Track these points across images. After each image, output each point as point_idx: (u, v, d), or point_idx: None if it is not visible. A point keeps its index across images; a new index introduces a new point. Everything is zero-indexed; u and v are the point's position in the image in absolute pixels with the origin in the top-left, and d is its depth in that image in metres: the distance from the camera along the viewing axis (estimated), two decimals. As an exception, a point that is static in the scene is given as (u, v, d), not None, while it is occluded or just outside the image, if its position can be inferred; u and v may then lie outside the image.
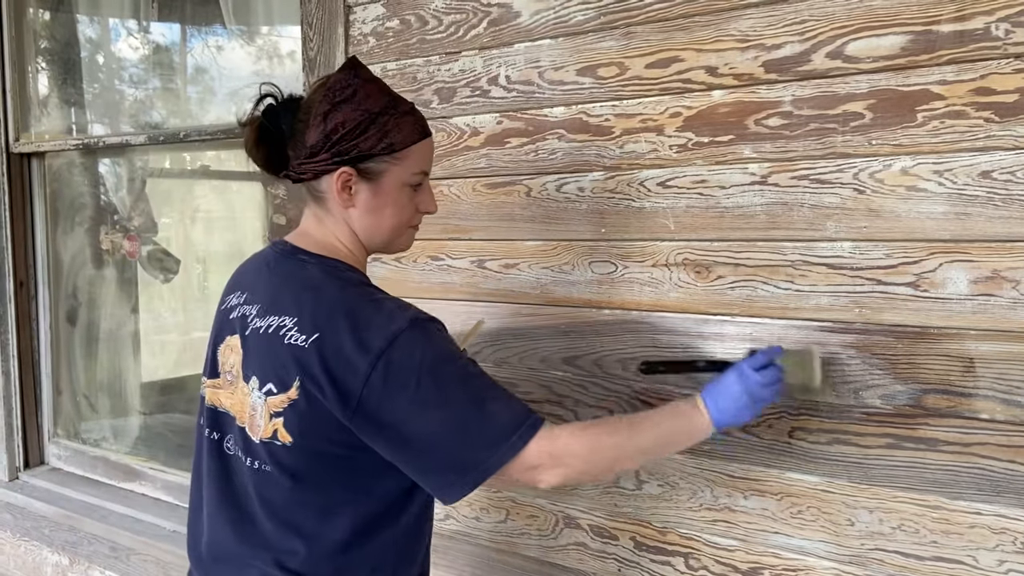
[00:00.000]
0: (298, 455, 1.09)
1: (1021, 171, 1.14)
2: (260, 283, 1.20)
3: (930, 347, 1.22)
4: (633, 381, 1.52)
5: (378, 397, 1.03)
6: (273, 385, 1.09)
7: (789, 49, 1.31)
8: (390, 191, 1.16)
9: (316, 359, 1.05)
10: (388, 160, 1.14)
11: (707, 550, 1.46)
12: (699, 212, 1.42)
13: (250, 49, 2.69)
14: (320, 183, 1.16)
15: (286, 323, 1.09)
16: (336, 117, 1.11)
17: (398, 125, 1.14)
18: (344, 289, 1.12)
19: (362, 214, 1.17)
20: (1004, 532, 1.19)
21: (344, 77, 1.14)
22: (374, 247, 1.22)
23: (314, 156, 1.13)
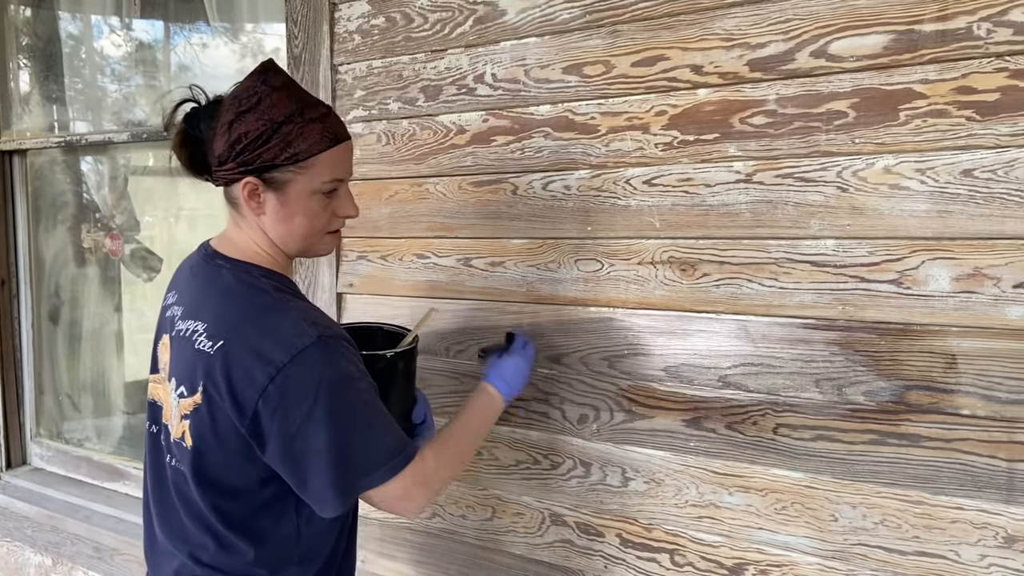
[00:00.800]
0: (199, 458, 1.12)
1: (1002, 169, 1.15)
2: (185, 286, 1.22)
3: (912, 344, 1.24)
4: (619, 379, 1.52)
5: (272, 410, 1.04)
6: (184, 388, 1.12)
7: (773, 48, 1.31)
8: (299, 199, 1.14)
9: (219, 367, 1.06)
10: (293, 169, 1.12)
11: (692, 546, 1.47)
12: (684, 210, 1.43)
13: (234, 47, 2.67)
14: (232, 190, 1.16)
15: (199, 328, 1.11)
16: (239, 127, 1.10)
17: (303, 134, 1.11)
18: (254, 298, 1.12)
19: (273, 222, 1.16)
20: (985, 527, 1.20)
21: (251, 84, 1.12)
22: (292, 253, 1.21)
23: (222, 164, 1.13)
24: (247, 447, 1.09)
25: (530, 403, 1.62)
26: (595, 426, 1.55)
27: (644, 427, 1.50)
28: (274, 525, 1.16)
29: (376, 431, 1.11)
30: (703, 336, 1.43)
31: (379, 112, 1.77)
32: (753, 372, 1.38)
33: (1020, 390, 1.16)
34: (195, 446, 1.11)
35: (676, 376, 1.46)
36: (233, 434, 1.08)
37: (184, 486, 1.16)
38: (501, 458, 1.67)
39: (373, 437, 1.10)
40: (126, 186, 2.77)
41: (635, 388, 1.51)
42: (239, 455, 1.10)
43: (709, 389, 1.43)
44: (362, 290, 1.84)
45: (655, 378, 1.48)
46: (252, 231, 1.18)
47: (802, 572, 1.36)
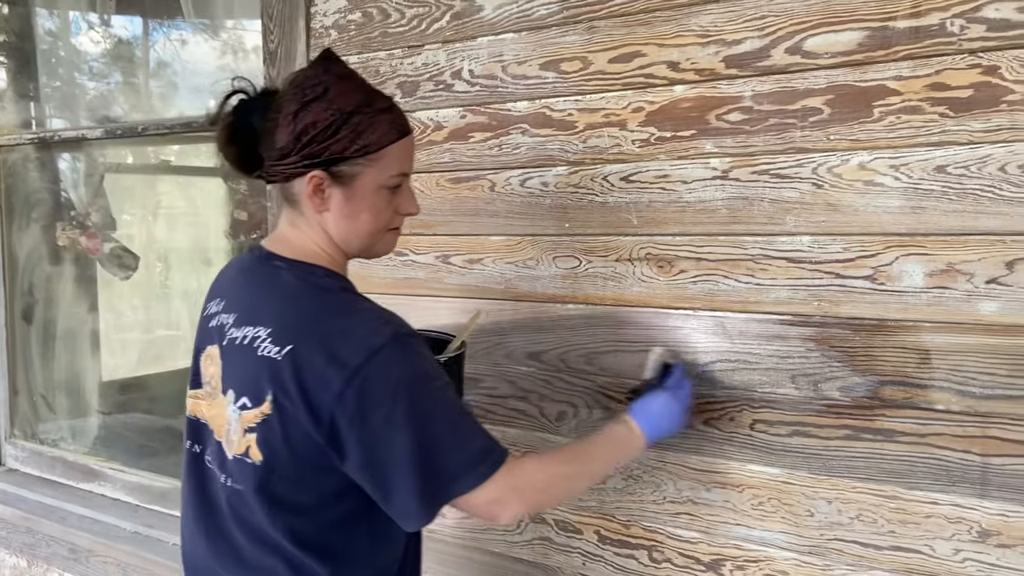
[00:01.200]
0: (268, 474, 1.04)
1: (975, 165, 1.16)
2: (236, 291, 1.15)
3: (887, 339, 1.24)
4: (597, 376, 1.52)
5: (350, 415, 0.98)
6: (247, 399, 1.04)
7: (749, 44, 1.32)
8: (365, 195, 1.09)
9: (289, 373, 1.00)
10: (362, 162, 1.07)
11: (670, 543, 1.47)
12: (661, 207, 1.43)
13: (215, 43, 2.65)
14: (292, 186, 1.10)
15: (260, 334, 1.04)
16: (306, 117, 1.04)
17: (372, 125, 1.06)
18: (321, 298, 1.07)
19: (337, 219, 1.10)
20: (960, 521, 1.21)
21: (315, 73, 1.07)
22: (353, 252, 1.15)
23: (284, 158, 1.07)
24: (323, 458, 1.02)
25: (508, 400, 1.62)
26: (573, 423, 1.55)
27: (622, 424, 1.49)
28: (347, 542, 1.09)
29: (462, 432, 1.04)
30: (680, 332, 1.43)
31: (356, 108, 1.75)
32: (730, 368, 1.38)
33: (993, 385, 1.17)
34: (265, 461, 1.03)
35: (654, 373, 1.46)
36: (307, 445, 1.01)
37: (244, 508, 1.07)
38: (480, 456, 1.67)
39: (459, 439, 1.03)
40: (101, 183, 2.74)
41: (614, 385, 1.51)
42: (313, 467, 1.03)
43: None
44: (339, 288, 1.82)
45: (634, 375, 1.48)
46: (312, 230, 1.12)
47: (779, 567, 1.36)
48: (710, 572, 1.43)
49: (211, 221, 2.81)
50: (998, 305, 1.16)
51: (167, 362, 3.57)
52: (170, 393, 3.34)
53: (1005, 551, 1.18)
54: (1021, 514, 1.17)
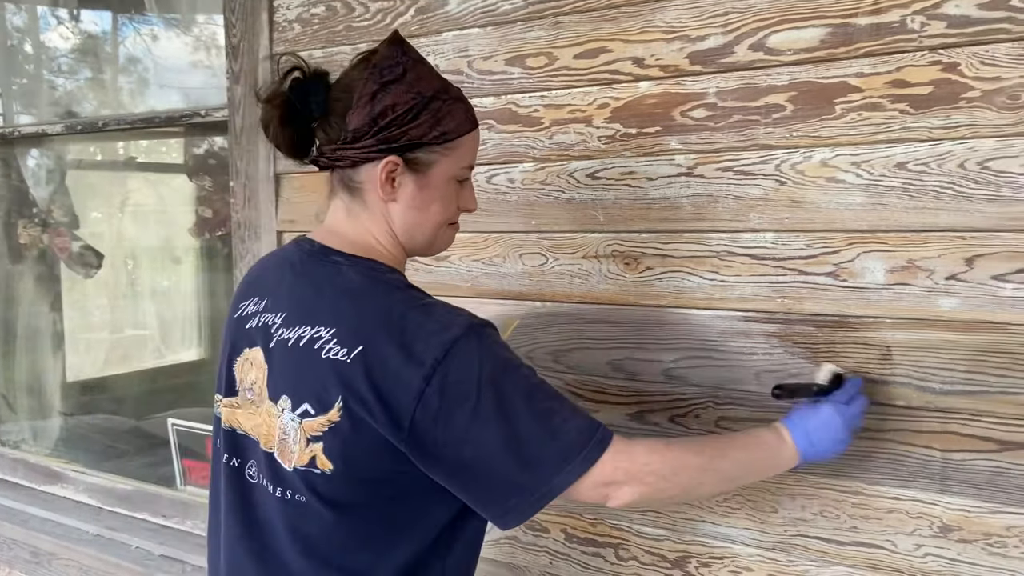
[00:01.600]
0: (340, 484, 0.96)
1: (935, 162, 1.17)
2: (284, 288, 1.06)
3: (848, 335, 1.24)
4: (564, 374, 1.51)
5: (433, 415, 0.91)
6: (310, 406, 0.96)
7: (713, 41, 1.31)
8: (438, 185, 1.04)
9: (361, 375, 0.92)
10: (439, 150, 1.02)
11: (637, 540, 1.46)
12: (627, 203, 1.42)
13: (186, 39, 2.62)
14: (358, 172, 1.03)
15: (322, 334, 0.96)
16: (385, 99, 0.99)
17: (451, 112, 1.03)
18: (389, 294, 1.00)
19: (405, 209, 1.04)
20: (921, 516, 1.22)
21: (392, 54, 1.01)
22: (413, 247, 1.09)
23: (356, 141, 1.00)
24: (403, 464, 0.95)
25: (475, 399, 1.60)
26: (540, 421, 1.54)
27: (589, 422, 1.49)
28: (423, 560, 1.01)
29: (558, 418, 0.95)
30: (647, 329, 1.42)
31: (320, 104, 1.73)
32: (696, 365, 1.38)
33: (953, 381, 1.18)
34: (336, 470, 0.95)
35: (620, 370, 1.45)
36: (385, 452, 0.94)
37: (306, 522, 0.99)
38: (446, 455, 1.65)
39: (555, 426, 0.94)
40: (63, 180, 2.69)
41: (580, 383, 1.50)
42: (392, 473, 0.96)
43: (653, 382, 1.42)
44: (304, 285, 1.80)
45: (600, 372, 1.48)
46: (372, 222, 1.05)
47: (743, 564, 1.36)
48: (676, 569, 1.43)
49: (180, 218, 2.77)
50: (957, 301, 1.16)
51: (134, 362, 3.52)
52: (137, 394, 3.30)
53: (966, 546, 1.19)
54: (981, 509, 1.17)
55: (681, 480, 1.01)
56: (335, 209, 1.08)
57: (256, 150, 1.81)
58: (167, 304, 3.32)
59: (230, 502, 1.08)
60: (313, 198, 1.77)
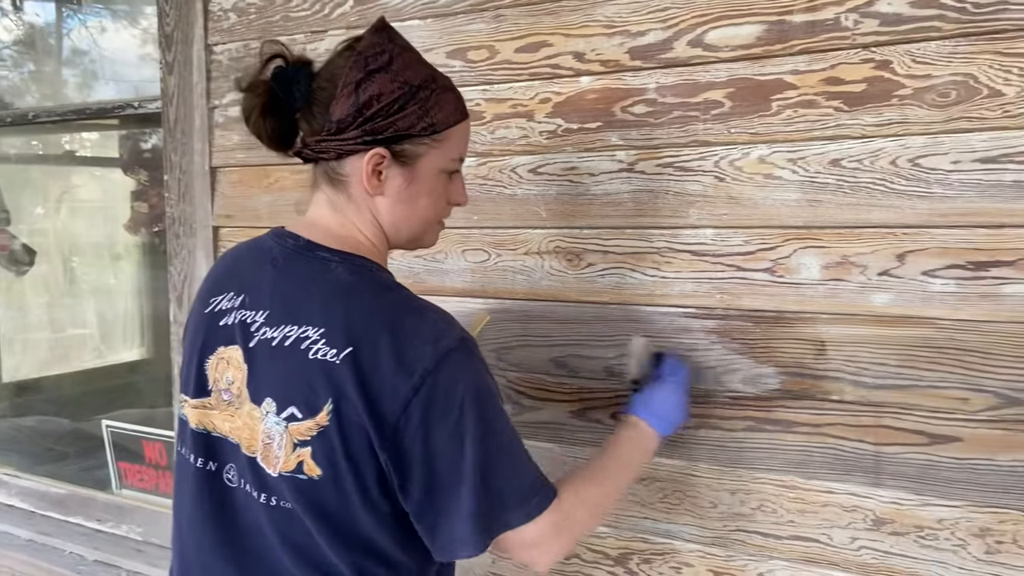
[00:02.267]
0: (329, 490, 0.92)
1: (868, 159, 1.18)
2: (266, 284, 1.00)
3: (785, 331, 1.25)
4: (507, 371, 1.50)
5: (414, 427, 0.89)
6: (297, 409, 0.92)
7: (653, 36, 1.31)
8: (427, 178, 1.01)
9: (351, 378, 0.89)
10: (428, 142, 0.99)
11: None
12: (569, 199, 1.41)
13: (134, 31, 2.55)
14: (343, 164, 0.99)
15: (309, 334, 0.92)
16: (371, 88, 0.94)
17: (439, 102, 0.99)
18: (380, 295, 0.96)
19: (392, 203, 1.00)
20: (855, 510, 1.23)
21: (377, 41, 0.97)
22: (399, 242, 1.05)
23: (340, 132, 0.96)
24: (385, 476, 0.92)
25: (417, 397, 1.58)
26: (483, 419, 1.52)
27: (533, 419, 1.48)
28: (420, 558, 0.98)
29: (520, 458, 0.95)
30: (589, 326, 1.42)
31: (258, 96, 1.69)
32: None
33: (886, 375, 1.19)
34: (324, 476, 0.91)
35: (563, 367, 1.45)
36: (368, 459, 0.91)
37: (293, 528, 0.95)
38: (388, 454, 1.63)
39: (519, 465, 0.94)
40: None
41: (524, 380, 1.49)
42: (380, 481, 0.92)
43: (596, 379, 1.42)
44: (243, 282, 1.76)
45: (543, 369, 1.47)
46: (358, 215, 1.01)
47: (683, 559, 1.37)
48: (618, 566, 1.43)
49: (112, 212, 2.69)
50: (889, 297, 1.18)
51: (74, 362, 3.42)
52: (77, 395, 3.20)
53: (898, 538, 1.21)
54: (913, 502, 1.19)
55: (592, 520, 1.06)
56: (318, 202, 1.04)
57: (191, 143, 1.76)
58: (108, 302, 3.24)
59: (204, 508, 1.02)
60: (251, 192, 1.73)
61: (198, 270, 1.79)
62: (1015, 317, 1.11)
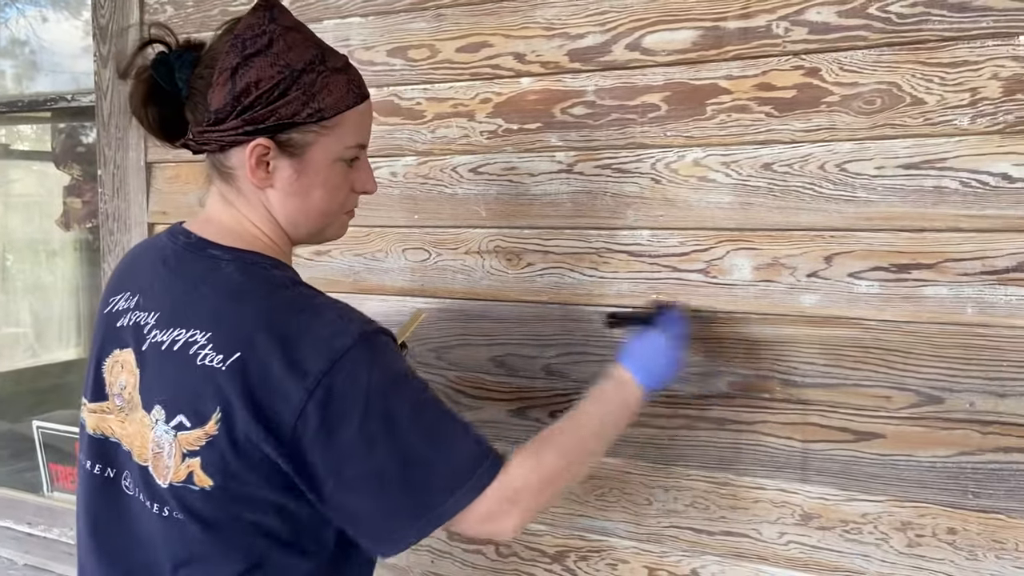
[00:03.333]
0: (221, 501, 0.88)
1: (797, 164, 1.21)
2: (158, 284, 0.96)
3: (719, 331, 1.28)
4: (447, 370, 1.50)
5: (315, 431, 0.84)
6: (185, 418, 0.88)
7: (592, 39, 1.32)
8: (319, 168, 0.94)
9: (238, 386, 0.85)
10: (316, 129, 0.92)
11: (517, 536, 1.47)
12: (509, 199, 1.42)
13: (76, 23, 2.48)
14: (228, 157, 0.94)
15: (197, 338, 0.88)
16: (247, 74, 0.88)
17: (328, 86, 0.92)
18: (272, 294, 0.91)
19: (284, 196, 0.94)
20: (784, 505, 1.26)
21: (256, 22, 0.91)
22: (300, 236, 1.00)
23: (220, 123, 0.90)
24: (286, 481, 0.88)
25: (357, 397, 1.57)
26: (423, 419, 1.52)
27: (471, 419, 1.46)
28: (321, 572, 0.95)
29: (449, 440, 0.90)
30: (528, 325, 1.42)
31: (195, 90, 1.66)
32: (575, 361, 1.39)
33: (814, 374, 1.22)
34: (217, 487, 0.87)
35: (502, 366, 1.45)
36: (267, 467, 0.87)
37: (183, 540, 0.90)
38: (327, 454, 1.61)
39: (446, 449, 0.89)
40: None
41: (463, 379, 1.49)
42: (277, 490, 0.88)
43: (534, 379, 1.43)
44: (179, 280, 1.73)
45: (482, 368, 1.47)
46: (252, 210, 0.96)
47: (619, 556, 1.38)
48: (555, 564, 1.44)
49: (45, 208, 2.62)
50: (817, 297, 1.21)
51: (6, 361, 3.31)
52: (8, 395, 3.11)
53: (825, 533, 1.24)
54: (839, 497, 1.23)
55: (557, 485, 0.98)
56: (212, 196, 0.99)
57: (126, 137, 1.72)
58: (44, 300, 3.15)
59: (100, 515, 0.99)
60: (187, 188, 1.70)
61: (133, 267, 1.75)
62: (935, 318, 1.16)
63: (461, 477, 0.89)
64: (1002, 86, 1.09)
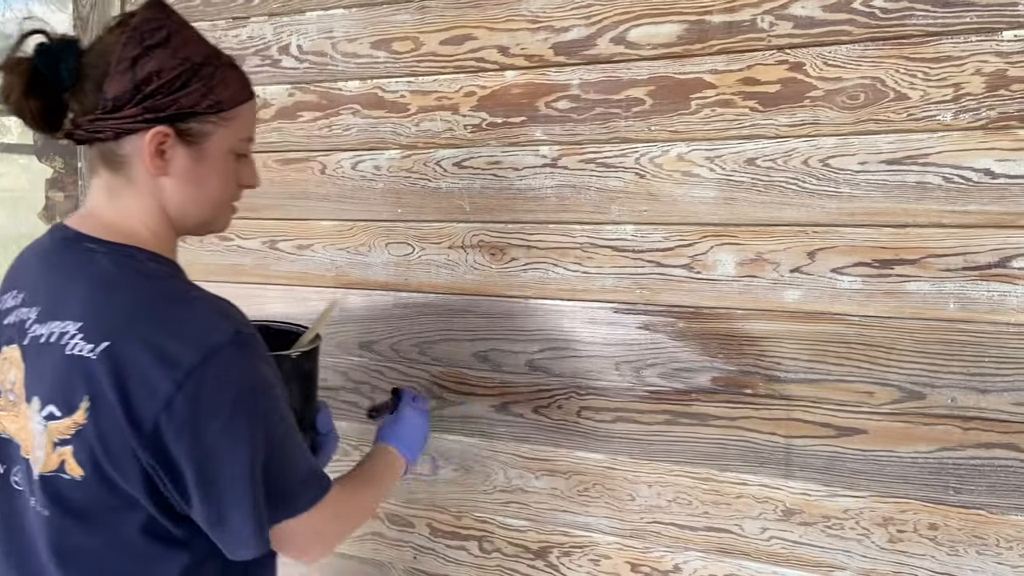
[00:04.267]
0: (94, 491, 0.88)
1: (781, 158, 1.21)
2: (40, 280, 0.97)
3: (703, 326, 1.27)
4: (430, 366, 1.49)
5: (179, 426, 0.84)
6: (55, 407, 0.88)
7: (576, 32, 1.31)
8: (216, 158, 0.96)
9: (105, 374, 0.85)
10: (214, 120, 0.94)
11: (500, 532, 1.46)
12: (493, 194, 1.41)
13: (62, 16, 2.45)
14: (121, 145, 0.93)
15: (69, 329, 0.88)
16: (149, 64, 0.89)
17: (225, 80, 0.95)
18: (144, 285, 0.91)
19: (179, 184, 0.95)
20: (767, 501, 1.26)
21: (153, 16, 0.92)
22: (188, 226, 1.00)
23: (117, 110, 0.90)
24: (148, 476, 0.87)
25: (339, 392, 1.56)
26: (406, 414, 1.51)
27: (455, 414, 1.47)
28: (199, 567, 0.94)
29: (299, 450, 0.95)
30: (512, 320, 1.42)
31: (176, 82, 1.64)
32: (558, 356, 1.38)
33: (797, 370, 1.22)
34: (88, 477, 0.87)
35: (486, 361, 1.44)
36: (130, 460, 0.86)
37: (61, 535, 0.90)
38: (310, 450, 1.60)
39: (297, 458, 0.94)
40: None
41: (446, 375, 1.48)
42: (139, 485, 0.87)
43: (517, 374, 1.42)
44: (160, 274, 1.71)
45: (466, 364, 1.46)
46: (139, 200, 0.95)
47: (602, 552, 1.38)
48: (538, 560, 1.43)
49: (26, 203, 2.58)
50: (801, 293, 1.21)
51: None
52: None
53: (807, 528, 1.24)
54: (821, 493, 1.23)
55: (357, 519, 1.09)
56: (95, 189, 0.98)
57: (106, 129, 1.69)
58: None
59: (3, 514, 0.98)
60: (169, 182, 1.68)
61: (113, 261, 1.73)
62: (917, 313, 1.16)
63: (306, 487, 0.95)
64: (985, 82, 1.09)
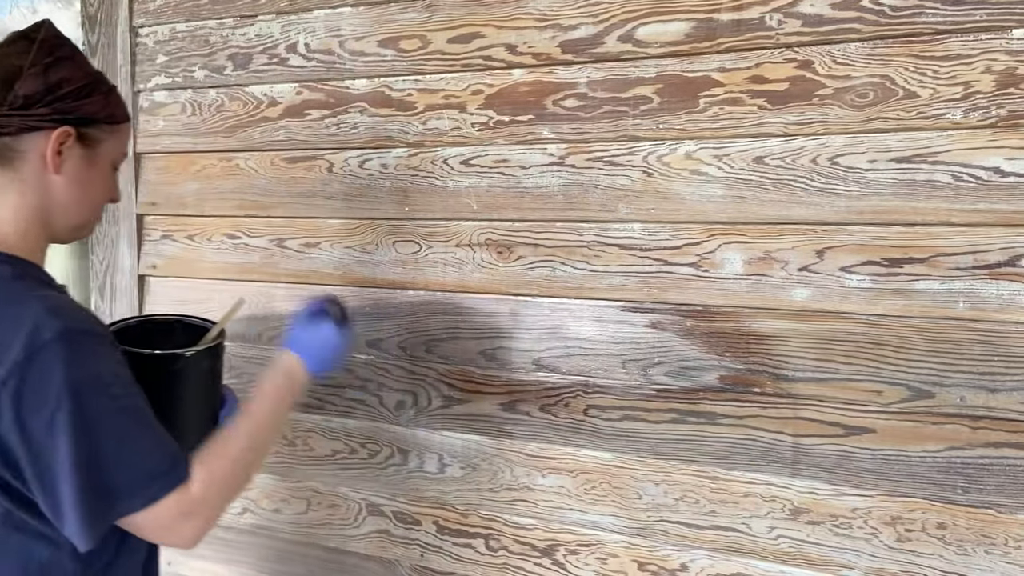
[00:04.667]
0: None
1: (790, 157, 1.20)
2: None
3: (710, 325, 1.27)
4: (437, 363, 1.49)
5: (11, 420, 0.89)
6: None
7: (584, 31, 1.31)
8: (103, 165, 1.05)
9: None
10: (108, 130, 1.04)
11: (507, 530, 1.46)
12: (500, 192, 1.41)
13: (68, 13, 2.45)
14: (21, 140, 0.99)
15: None
16: (60, 72, 0.99)
17: (116, 99, 1.06)
18: None
19: (68, 184, 1.01)
20: (774, 500, 1.26)
21: (56, 35, 1.03)
22: (61, 229, 1.05)
23: (27, 108, 0.98)
24: None
25: (346, 390, 1.56)
26: (412, 412, 1.51)
27: (462, 412, 1.47)
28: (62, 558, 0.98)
29: (132, 446, 0.95)
30: (519, 319, 1.42)
31: (184, 80, 1.64)
32: (565, 355, 1.38)
33: (804, 368, 1.22)
34: None
35: (493, 359, 1.44)
36: None
37: None
38: (316, 448, 1.60)
39: (128, 454, 0.94)
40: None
41: (453, 373, 1.48)
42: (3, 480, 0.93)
43: (524, 372, 1.42)
44: (167, 272, 1.71)
45: (472, 362, 1.46)
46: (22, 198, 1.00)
47: (609, 550, 1.38)
48: (545, 558, 1.43)
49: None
50: (809, 292, 1.21)
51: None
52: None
53: (815, 527, 1.24)
54: (829, 492, 1.22)
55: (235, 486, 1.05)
56: None
57: (114, 127, 1.70)
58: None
59: None
60: (177, 179, 1.68)
61: (121, 259, 1.73)
62: (926, 312, 1.15)
63: (136, 484, 0.94)
64: (995, 80, 1.09)
